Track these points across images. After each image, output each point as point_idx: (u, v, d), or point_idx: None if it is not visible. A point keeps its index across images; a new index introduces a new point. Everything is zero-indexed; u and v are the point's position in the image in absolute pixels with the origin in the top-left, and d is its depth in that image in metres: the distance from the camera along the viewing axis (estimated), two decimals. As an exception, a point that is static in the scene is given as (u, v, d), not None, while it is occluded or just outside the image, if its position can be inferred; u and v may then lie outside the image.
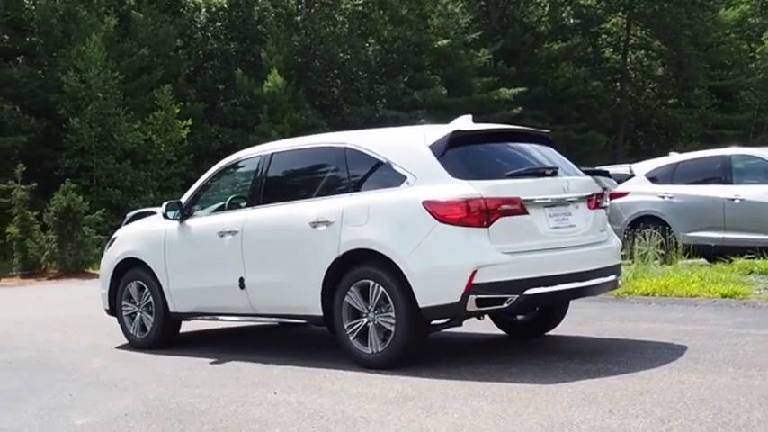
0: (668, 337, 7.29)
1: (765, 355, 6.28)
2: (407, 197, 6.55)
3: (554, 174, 6.89)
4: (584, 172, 7.59)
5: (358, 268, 6.73)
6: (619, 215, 13.43)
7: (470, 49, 44.35)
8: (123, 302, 8.69)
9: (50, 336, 9.99)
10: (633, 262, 11.65)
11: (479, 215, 6.29)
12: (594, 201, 7.10)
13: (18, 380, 7.23)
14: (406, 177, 6.67)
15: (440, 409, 5.21)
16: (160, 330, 8.39)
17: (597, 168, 18.29)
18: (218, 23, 43.33)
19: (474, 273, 6.19)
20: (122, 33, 37.68)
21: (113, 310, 8.82)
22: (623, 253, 12.41)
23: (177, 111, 34.64)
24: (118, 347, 8.64)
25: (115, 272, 8.74)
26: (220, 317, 8.11)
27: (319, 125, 39.69)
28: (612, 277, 7.05)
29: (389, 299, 6.51)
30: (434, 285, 6.33)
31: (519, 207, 6.44)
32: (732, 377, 5.63)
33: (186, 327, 8.92)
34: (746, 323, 7.83)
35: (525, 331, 7.90)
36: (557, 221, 6.72)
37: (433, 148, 6.66)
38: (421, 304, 6.35)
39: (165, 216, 8.25)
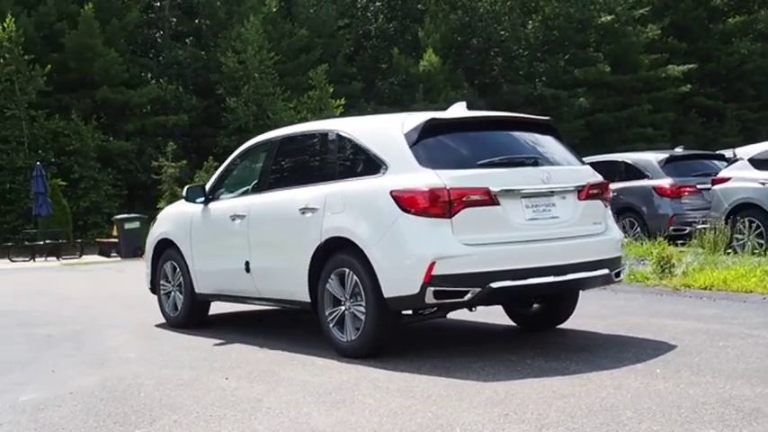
0: (671, 335, 6.86)
1: (746, 362, 5.72)
2: (377, 186, 6.41)
3: (534, 163, 6.53)
4: (698, 155, 7.02)
5: (336, 256, 6.66)
6: (719, 202, 12.60)
7: (638, 24, 42.61)
8: (161, 282, 8.99)
9: (113, 311, 10.46)
10: (704, 251, 10.88)
11: (442, 205, 6.06)
12: (587, 191, 6.67)
13: (25, 353, 7.61)
14: (382, 165, 6.52)
15: (349, 403, 5.08)
16: (188, 310, 8.61)
17: (711, 152, 17.25)
18: (377, 3, 43.70)
19: (432, 264, 5.98)
20: (284, 14, 38.76)
21: (154, 288, 9.15)
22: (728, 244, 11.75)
23: (331, 90, 35.25)
24: (157, 325, 8.94)
25: (155, 251, 9.05)
26: (237, 301, 8.24)
27: (476, 104, 39.34)
28: (603, 271, 6.60)
29: (361, 288, 6.42)
30: (396, 276, 6.17)
31: (487, 198, 6.15)
32: (678, 384, 5.17)
33: (233, 308, 9.10)
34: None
35: (535, 324, 7.58)
36: (535, 213, 6.38)
37: (407, 136, 6.47)
38: (385, 294, 6.22)
39: (186, 199, 8.46)
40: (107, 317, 9.98)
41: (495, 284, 6.07)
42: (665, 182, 14.72)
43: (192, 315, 8.63)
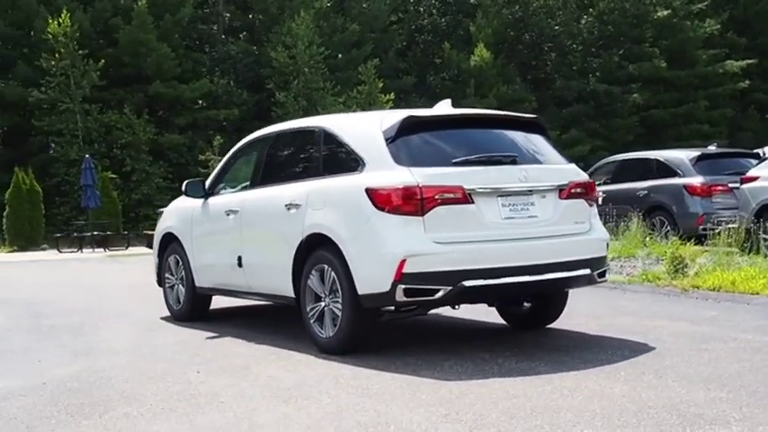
0: (656, 337, 6.80)
1: (715, 366, 5.59)
2: (354, 183, 6.42)
3: (513, 162, 6.47)
4: (732, 154, 6.85)
5: (316, 252, 6.69)
6: (746, 201, 12.32)
7: (696, 19, 41.80)
8: (166, 275, 9.14)
9: (129, 303, 10.65)
10: (718, 253, 10.66)
11: (414, 203, 6.05)
12: (569, 191, 6.60)
13: (23, 343, 7.79)
14: (360, 162, 6.54)
15: (302, 399, 5.09)
16: (190, 304, 8.72)
17: (746, 150, 16.85)
18: (431, -2, 43.67)
19: (403, 262, 5.98)
20: (336, 9, 38.93)
21: (160, 281, 9.30)
22: (747, 245, 11.51)
23: (381, 85, 35.30)
24: (162, 318, 9.07)
25: (160, 245, 9.21)
26: (232, 295, 8.33)
27: (526, 99, 39.17)
28: (584, 271, 6.51)
29: (338, 284, 6.45)
30: (369, 273, 6.18)
31: (461, 196, 6.13)
32: (635, 387, 5.09)
33: (240, 302, 9.17)
34: (766, 328, 7.09)
35: (525, 323, 7.53)
36: (512, 211, 6.33)
37: (385, 133, 6.46)
38: (359, 291, 6.24)
39: (185, 194, 8.59)
40: (120, 308, 10.17)
41: (467, 283, 6.04)
42: (696, 180, 14.41)
43: (193, 308, 8.75)
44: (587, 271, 6.56)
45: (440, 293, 6.04)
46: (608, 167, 16.98)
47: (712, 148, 15.91)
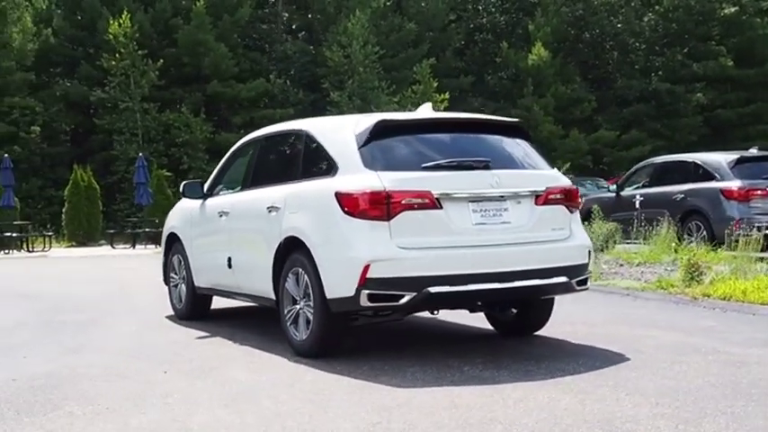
0: (639, 348, 6.65)
1: (679, 380, 5.40)
2: (325, 187, 6.41)
3: (486, 167, 6.36)
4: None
5: (292, 255, 6.70)
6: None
7: (766, 16, 40.65)
8: (171, 274, 9.27)
9: (145, 301, 10.81)
10: (736, 259, 10.34)
11: (381, 208, 6.01)
12: (545, 197, 6.47)
13: (24, 338, 8.00)
14: (334, 166, 6.52)
15: (245, 403, 5.09)
16: (190, 303, 8.83)
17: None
18: (490, -3, 43.34)
19: (367, 267, 5.94)
20: (394, 8, 38.95)
21: (166, 280, 9.43)
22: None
23: (435, 84, 35.18)
24: (167, 317, 9.20)
25: (166, 244, 9.35)
26: (226, 296, 8.38)
27: (586, 99, 38.64)
28: (560, 279, 6.37)
29: (310, 288, 6.45)
30: (336, 278, 6.17)
31: (429, 201, 6.06)
32: (583, 400, 4.94)
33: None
34: (756, 340, 6.88)
35: (511, 329, 7.42)
36: (483, 217, 6.24)
37: (358, 137, 6.43)
38: (327, 296, 6.23)
39: (183, 195, 8.69)
40: (137, 305, 10.37)
41: (432, 289, 5.97)
42: (733, 184, 14.02)
43: (194, 308, 8.85)
44: (563, 279, 6.42)
45: (404, 299, 5.99)
46: (646, 170, 16.65)
47: (753, 151, 15.45)
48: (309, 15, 40.17)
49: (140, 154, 26.98)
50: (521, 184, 6.45)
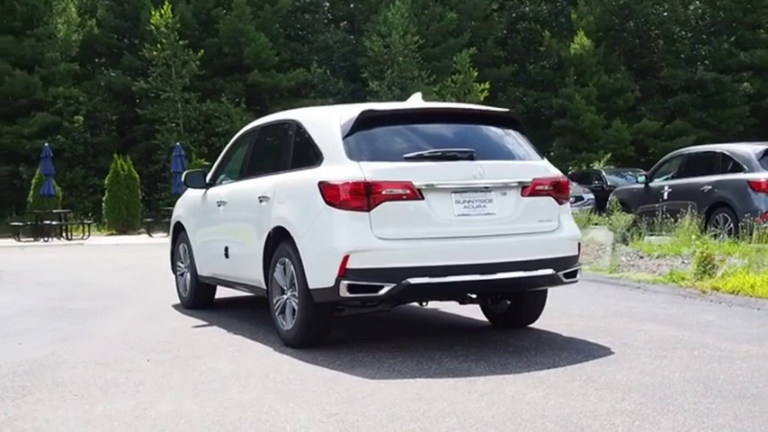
0: (627, 342, 6.56)
1: (655, 376, 5.31)
2: (310, 177, 6.40)
3: (470, 158, 6.29)
4: None
5: (280, 245, 6.72)
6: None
7: (817, 3, 39.64)
8: (178, 263, 9.36)
9: (158, 289, 10.92)
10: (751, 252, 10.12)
11: (361, 198, 6.00)
12: (532, 188, 6.39)
13: (29, 325, 8.14)
14: (320, 156, 6.52)
15: (213, 393, 5.11)
16: (194, 292, 8.91)
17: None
18: (533, -16, 42.92)
19: (346, 257, 5.94)
20: (436, -2, 38.82)
21: (174, 268, 9.52)
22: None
23: (475, 74, 34.99)
24: (173, 305, 9.29)
25: (173, 233, 9.44)
26: (225, 285, 8.43)
27: (629, 88, 38.09)
28: (546, 271, 6.29)
29: (295, 278, 6.46)
30: (317, 268, 6.17)
31: (410, 192, 6.03)
32: (548, 395, 4.88)
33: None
34: (750, 335, 6.75)
35: (505, 321, 7.35)
36: (467, 208, 6.18)
37: (342, 127, 6.42)
38: (310, 286, 6.23)
39: (185, 185, 8.76)
40: (148, 294, 10.50)
41: (412, 280, 5.94)
42: (762, 176, 13.69)
43: (197, 297, 8.92)
44: (549, 271, 6.34)
45: (384, 290, 5.96)
46: (675, 161, 16.34)
47: (784, 142, 15.07)
48: (351, 5, 40.22)
49: (177, 143, 27.27)
50: (506, 174, 6.38)
